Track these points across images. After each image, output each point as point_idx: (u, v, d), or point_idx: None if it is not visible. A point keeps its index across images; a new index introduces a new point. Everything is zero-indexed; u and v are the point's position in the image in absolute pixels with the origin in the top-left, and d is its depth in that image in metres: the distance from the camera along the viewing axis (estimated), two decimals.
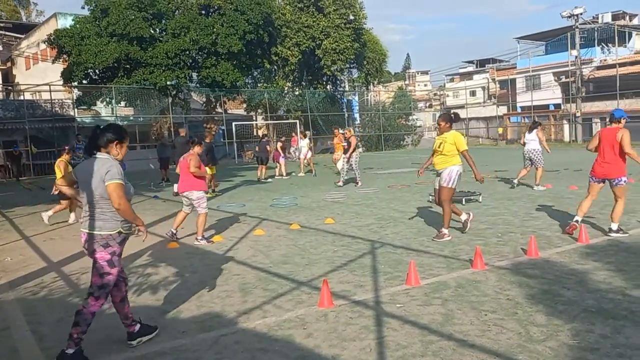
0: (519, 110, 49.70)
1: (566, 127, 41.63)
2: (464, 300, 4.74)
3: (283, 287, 5.45)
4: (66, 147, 11.61)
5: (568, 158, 22.38)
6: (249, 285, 5.61)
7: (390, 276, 5.65)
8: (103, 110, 32.25)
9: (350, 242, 7.45)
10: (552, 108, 45.59)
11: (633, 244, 6.51)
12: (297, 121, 31.77)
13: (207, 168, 13.99)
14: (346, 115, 38.08)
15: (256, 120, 37.56)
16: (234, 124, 32.09)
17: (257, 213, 10.69)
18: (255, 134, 35.33)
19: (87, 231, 3.87)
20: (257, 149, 19.19)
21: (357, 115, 42.19)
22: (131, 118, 32.64)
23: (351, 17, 32.93)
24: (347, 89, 40.16)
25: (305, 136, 22.64)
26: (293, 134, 27.17)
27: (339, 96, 38.23)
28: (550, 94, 45.47)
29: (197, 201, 7.85)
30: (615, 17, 46.64)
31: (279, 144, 19.88)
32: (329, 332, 4.17)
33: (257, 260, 6.73)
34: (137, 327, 4.15)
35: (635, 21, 49.61)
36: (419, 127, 50.16)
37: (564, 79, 42.99)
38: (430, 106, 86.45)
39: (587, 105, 39.72)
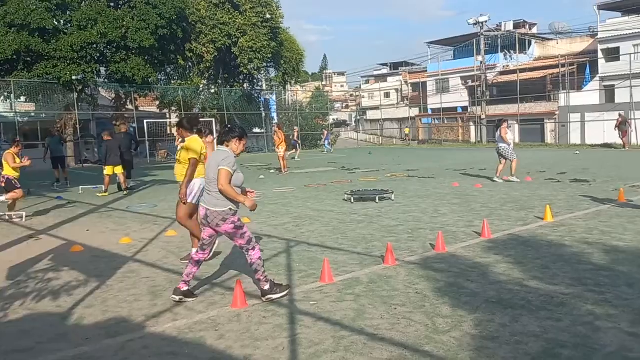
0: (429, 112, 51.87)
1: (472, 128, 43.95)
2: (375, 295, 4.85)
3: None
4: (16, 140, 11.49)
5: (474, 158, 23.63)
6: (159, 288, 5.42)
7: (304, 274, 5.67)
8: (1, 105, 29.90)
9: (266, 242, 7.41)
10: (460, 110, 48.01)
11: (531, 239, 6.97)
12: (213, 120, 31.17)
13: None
14: (263, 114, 37.92)
15: (170, 118, 36.42)
16: (145, 121, 30.92)
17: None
18: (169, 132, 34.27)
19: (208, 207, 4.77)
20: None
21: (274, 115, 42.10)
22: (32, 114, 30.48)
23: (268, 16, 32.83)
24: (264, 88, 39.98)
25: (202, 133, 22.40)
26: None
27: (256, 95, 37.95)
28: (458, 97, 47.86)
29: None
30: (516, 25, 49.91)
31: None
32: (241, 333, 4.11)
33: (168, 262, 6.51)
34: (186, 288, 4.88)
35: (534, 30, 53.34)
36: (343, 122, 50.95)
37: (470, 83, 45.40)
38: (347, 107, 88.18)
39: (492, 108, 42.18)
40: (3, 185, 10.21)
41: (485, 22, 39.88)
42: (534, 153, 25.97)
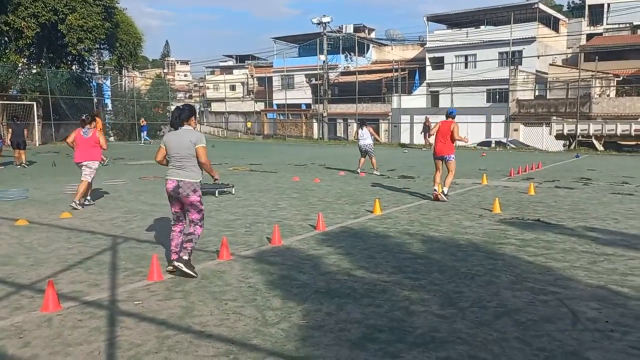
0: (275, 107, 52.60)
1: (315, 125, 45.55)
2: (206, 292, 4.72)
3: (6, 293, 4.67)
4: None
5: (315, 154, 24.48)
6: None
7: (131, 272, 5.32)
8: None
9: (89, 238, 6.82)
10: (304, 107, 49.46)
11: (360, 230, 7.37)
12: (35, 103, 27.99)
13: None
14: (95, 100, 35.05)
15: None
16: None
17: None
18: None
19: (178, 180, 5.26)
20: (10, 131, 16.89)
21: (108, 101, 39.16)
22: None
23: None
24: (97, 71, 36.92)
25: None
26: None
27: (87, 79, 34.84)
28: (302, 94, 49.28)
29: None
30: (356, 29, 52.82)
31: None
32: (51, 339, 3.70)
33: None
34: (185, 259, 5.15)
35: (373, 35, 56.94)
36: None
37: (314, 81, 46.98)
38: (191, 97, 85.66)
39: (333, 106, 44.12)
40: None
41: (328, 22, 41.51)
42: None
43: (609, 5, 42.72)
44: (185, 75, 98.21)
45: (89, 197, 9.46)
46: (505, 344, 3.61)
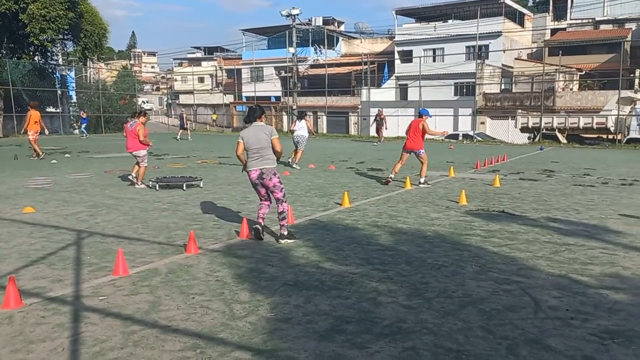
0: (244, 99, 52.16)
1: (285, 118, 45.38)
2: (173, 286, 4.67)
3: None
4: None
5: (284, 146, 24.33)
6: None
7: (95, 267, 5.22)
8: None
9: (52, 233, 6.66)
10: (273, 100, 49.20)
11: (329, 223, 7.40)
12: None
13: None
14: (59, 92, 34.09)
15: None
16: None
17: None
18: None
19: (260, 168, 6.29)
20: None
21: (73, 93, 38.13)
22: None
23: None
24: (60, 62, 35.90)
25: None
26: None
27: (50, 70, 33.84)
28: (272, 86, 49.00)
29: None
30: (326, 22, 52.71)
31: None
32: (12, 336, 3.61)
33: None
34: (285, 233, 6.31)
35: (342, 28, 56.92)
36: (149, 110, 48.26)
37: (283, 74, 46.75)
38: (158, 89, 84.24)
39: (303, 99, 43.99)
40: None
41: (297, 15, 41.27)
42: (339, 143, 27.75)
43: (572, 0, 43.70)
44: (153, 67, 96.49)
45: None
46: (470, 333, 3.69)
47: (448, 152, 21.01)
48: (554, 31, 43.79)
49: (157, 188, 10.31)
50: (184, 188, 10.36)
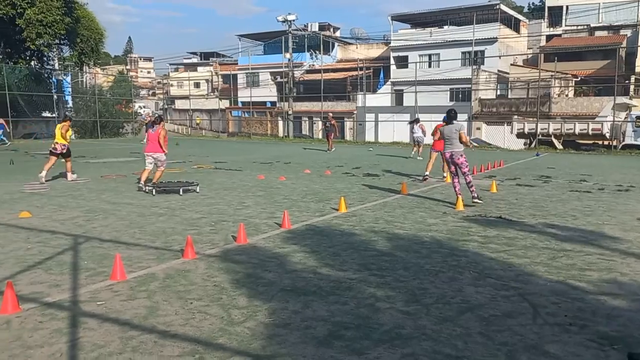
0: (240, 105, 52.16)
1: (280, 123, 45.41)
2: (171, 291, 4.66)
3: None
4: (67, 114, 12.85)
5: (280, 152, 24.40)
6: None
7: (93, 272, 5.20)
8: None
9: (49, 238, 6.63)
10: (269, 105, 49.21)
11: (326, 228, 7.39)
12: None
13: None
14: (55, 97, 34.00)
15: None
16: None
17: None
18: None
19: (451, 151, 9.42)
20: None
21: (69, 98, 38.05)
22: None
23: None
24: (57, 67, 35.84)
25: None
26: None
27: (46, 75, 33.77)
28: (267, 91, 49.01)
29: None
30: (322, 27, 52.85)
31: None
32: (10, 341, 3.59)
33: None
34: (475, 195, 9.39)
35: (338, 33, 57.06)
36: (141, 115, 48.16)
37: (279, 79, 46.79)
38: (154, 94, 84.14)
39: (298, 104, 44.05)
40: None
41: (293, 20, 41.38)
42: (335, 149, 27.75)
43: (567, 7, 44.00)
44: (149, 72, 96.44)
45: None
46: (468, 339, 3.69)
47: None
48: (549, 37, 44.07)
49: (154, 193, 10.29)
50: (181, 193, 10.35)
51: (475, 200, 9.33)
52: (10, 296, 4.14)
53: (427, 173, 13.13)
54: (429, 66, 41.06)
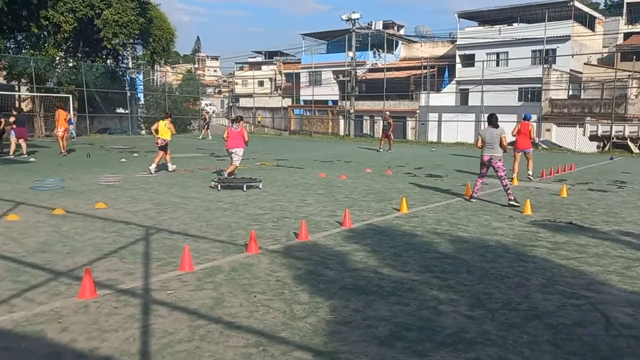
0: (302, 103, 52.70)
1: (342, 122, 45.50)
2: (235, 284, 4.80)
3: (38, 278, 4.84)
4: (168, 112, 14.96)
5: (341, 151, 24.44)
6: None
7: (163, 262, 5.44)
8: None
9: (123, 228, 6.98)
10: (330, 104, 49.43)
11: (387, 228, 7.36)
12: (70, 96, 28.63)
13: None
14: (129, 94, 35.68)
15: (19, 91, 32.83)
16: None
17: (12, 196, 9.35)
18: (18, 106, 30.82)
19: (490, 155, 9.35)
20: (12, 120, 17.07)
21: (141, 95, 39.81)
22: None
23: None
24: (130, 66, 37.56)
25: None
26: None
27: (120, 73, 35.47)
28: (330, 90, 49.22)
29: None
30: (385, 25, 52.46)
31: (11, 119, 17.27)
32: (88, 325, 3.82)
33: (7, 249, 5.87)
34: (511, 198, 9.36)
35: (402, 31, 56.45)
36: (210, 112, 49.64)
37: (341, 78, 46.87)
38: (220, 92, 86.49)
39: (360, 103, 43.97)
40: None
41: (357, 19, 41.34)
42: (396, 149, 27.47)
43: None
44: (215, 71, 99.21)
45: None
46: (536, 347, 3.58)
47: (510, 159, 20.39)
48: (627, 35, 41.71)
49: (219, 188, 10.59)
50: (244, 189, 10.59)
51: (512, 202, 9.26)
52: (88, 282, 4.40)
53: (514, 175, 13.02)
54: (497, 65, 39.86)
